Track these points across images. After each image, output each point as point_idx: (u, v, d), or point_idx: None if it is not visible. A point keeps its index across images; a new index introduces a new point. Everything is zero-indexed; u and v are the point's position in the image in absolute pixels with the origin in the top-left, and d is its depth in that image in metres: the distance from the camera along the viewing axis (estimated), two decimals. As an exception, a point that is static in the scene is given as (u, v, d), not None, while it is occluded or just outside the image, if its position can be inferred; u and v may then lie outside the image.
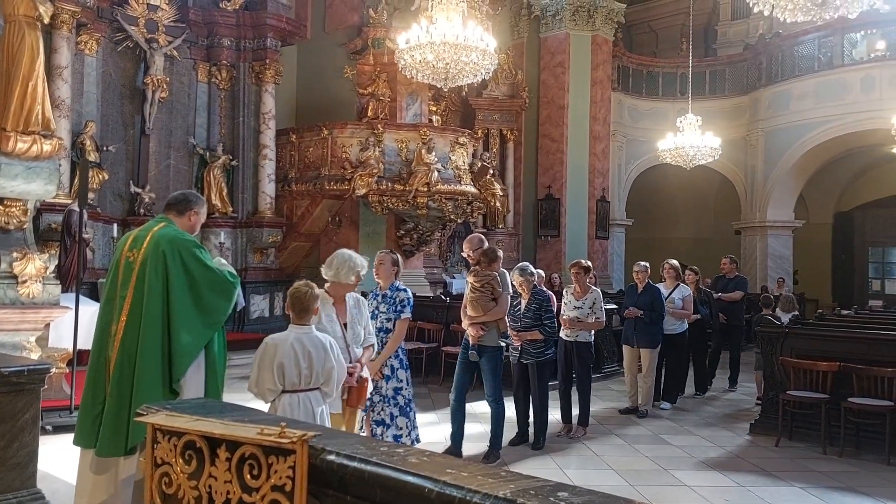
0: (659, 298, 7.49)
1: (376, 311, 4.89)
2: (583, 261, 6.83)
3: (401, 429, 4.81)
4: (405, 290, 4.95)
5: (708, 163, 14.99)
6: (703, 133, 14.24)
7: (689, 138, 14.21)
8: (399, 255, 5.23)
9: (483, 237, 6.15)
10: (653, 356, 7.51)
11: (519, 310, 6.03)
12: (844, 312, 9.62)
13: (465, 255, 6.04)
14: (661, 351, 7.87)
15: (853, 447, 5.98)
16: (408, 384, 4.93)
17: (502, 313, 5.60)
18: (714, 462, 5.76)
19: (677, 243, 19.86)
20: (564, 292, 6.88)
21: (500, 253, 5.74)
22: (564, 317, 6.61)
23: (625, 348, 7.74)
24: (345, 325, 4.19)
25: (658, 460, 5.75)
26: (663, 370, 7.98)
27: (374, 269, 4.78)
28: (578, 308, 6.59)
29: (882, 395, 5.90)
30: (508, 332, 5.95)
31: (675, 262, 8.25)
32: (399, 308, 4.89)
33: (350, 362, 4.02)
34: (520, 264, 6.16)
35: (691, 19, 17.58)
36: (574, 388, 6.66)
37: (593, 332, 6.72)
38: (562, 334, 6.57)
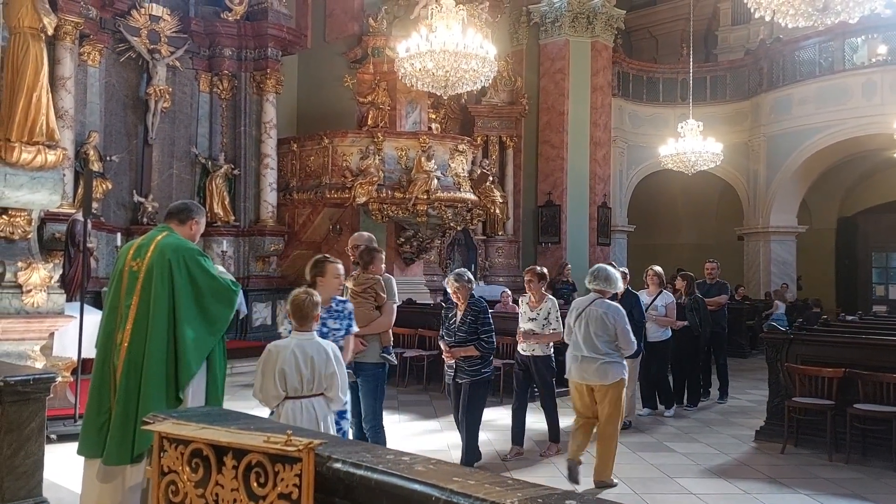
0: (637, 306, 7.08)
1: (323, 328, 4.12)
2: (537, 267, 6.26)
3: None
4: (347, 302, 4.40)
5: (710, 168, 14.99)
6: (704, 138, 14.24)
7: (691, 144, 14.21)
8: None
9: (373, 236, 5.50)
10: (633, 366, 6.89)
11: (454, 322, 5.35)
12: (849, 318, 9.57)
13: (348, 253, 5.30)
14: (645, 359, 7.60)
15: (859, 454, 5.94)
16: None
17: (387, 325, 4.91)
18: (719, 469, 5.73)
19: (679, 249, 19.85)
20: (520, 302, 6.26)
21: (383, 255, 5.09)
22: (520, 329, 6.06)
23: None
24: None
25: (663, 468, 5.73)
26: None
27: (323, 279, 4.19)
28: (533, 319, 5.97)
29: (888, 401, 5.87)
30: (444, 349, 5.40)
31: (658, 268, 7.99)
32: (349, 321, 4.28)
33: None
34: (456, 270, 5.48)
35: (691, 25, 17.64)
36: (537, 406, 6.30)
37: (552, 344, 6.11)
38: (518, 348, 6.10)
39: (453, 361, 5.35)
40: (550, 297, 6.18)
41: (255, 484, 1.91)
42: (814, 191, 18.01)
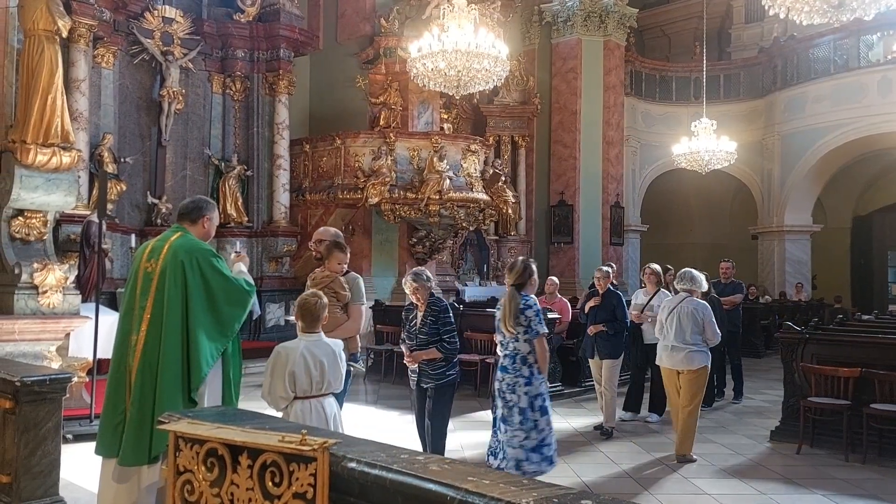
0: (620, 305, 6.86)
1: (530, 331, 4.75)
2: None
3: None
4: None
5: (723, 167, 14.90)
6: (718, 137, 14.16)
7: (704, 143, 14.13)
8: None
9: (339, 232, 4.95)
10: (614, 367, 6.82)
11: (414, 324, 4.99)
12: (865, 317, 9.48)
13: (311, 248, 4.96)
14: (642, 362, 7.41)
15: (876, 454, 5.89)
16: None
17: (355, 330, 4.43)
18: (734, 470, 5.69)
19: (693, 249, 19.74)
20: (498, 305, 6.03)
21: (346, 254, 4.54)
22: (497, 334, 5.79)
23: (591, 362, 7.11)
24: None
25: (677, 468, 5.69)
26: (648, 381, 7.49)
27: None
28: None
29: (905, 400, 5.81)
30: (405, 353, 5.03)
31: (656, 266, 7.69)
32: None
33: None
34: (414, 269, 5.11)
35: (705, 23, 17.54)
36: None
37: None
38: (498, 352, 5.54)
39: (416, 366, 4.97)
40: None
41: (270, 483, 1.91)
42: (829, 189, 17.85)
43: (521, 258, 5.07)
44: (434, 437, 5.00)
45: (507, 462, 4.66)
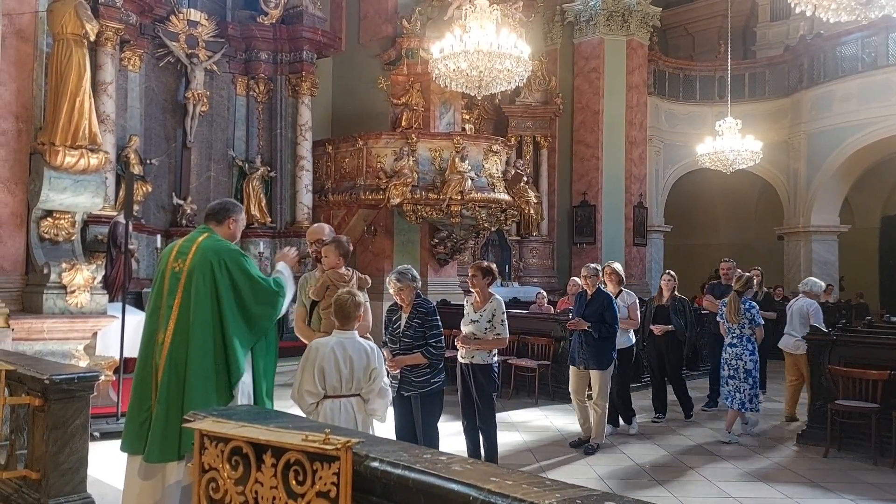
0: (611, 308, 6.21)
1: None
2: (484, 262, 5.57)
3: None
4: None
5: (748, 167, 14.72)
6: (742, 137, 13.99)
7: (729, 142, 13.97)
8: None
9: (332, 228, 4.69)
10: (604, 378, 6.19)
11: (398, 327, 4.70)
12: (894, 319, 9.31)
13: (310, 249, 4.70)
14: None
15: (906, 458, 5.79)
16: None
17: (366, 327, 4.10)
18: (761, 473, 5.63)
19: (717, 250, 19.49)
20: (465, 301, 5.60)
21: (351, 248, 4.38)
22: (461, 333, 5.38)
23: (571, 370, 6.41)
24: None
25: (702, 471, 5.64)
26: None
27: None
28: (475, 322, 5.28)
29: (936, 404, 5.70)
30: (387, 358, 4.60)
31: (617, 265, 7.15)
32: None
33: None
34: (399, 267, 4.76)
35: (729, 21, 17.33)
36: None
37: (496, 352, 5.39)
38: (458, 356, 5.39)
39: (398, 371, 4.66)
40: (497, 297, 5.41)
41: (294, 482, 1.92)
42: (856, 189, 17.56)
43: (746, 274, 7.07)
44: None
45: (735, 405, 6.60)
